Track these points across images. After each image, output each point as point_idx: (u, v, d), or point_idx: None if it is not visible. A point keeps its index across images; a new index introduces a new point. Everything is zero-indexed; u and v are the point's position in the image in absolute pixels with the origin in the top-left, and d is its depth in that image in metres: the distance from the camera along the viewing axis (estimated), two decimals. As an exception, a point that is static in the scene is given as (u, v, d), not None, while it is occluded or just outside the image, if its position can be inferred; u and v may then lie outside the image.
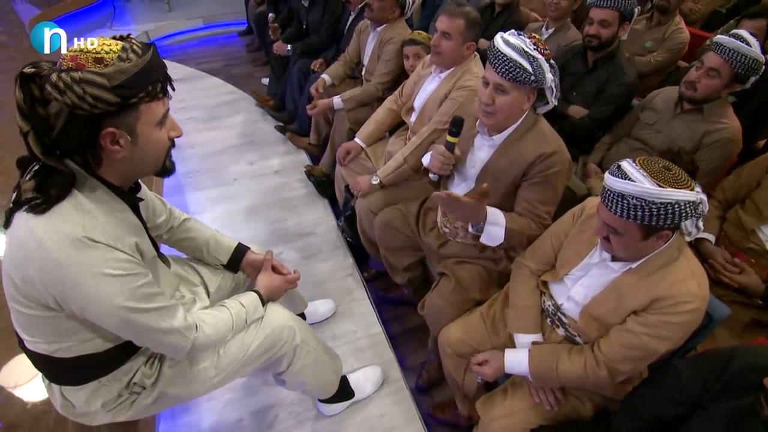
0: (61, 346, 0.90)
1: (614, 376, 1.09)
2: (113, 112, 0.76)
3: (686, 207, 0.93)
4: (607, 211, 0.99)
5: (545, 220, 1.38)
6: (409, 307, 2.07)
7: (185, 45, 5.20)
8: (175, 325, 0.94)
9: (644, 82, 2.45)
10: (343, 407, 1.59)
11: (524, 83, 1.22)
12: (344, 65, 2.74)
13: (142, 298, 0.86)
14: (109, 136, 0.78)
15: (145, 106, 0.80)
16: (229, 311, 1.11)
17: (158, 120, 0.84)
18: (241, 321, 1.13)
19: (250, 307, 1.17)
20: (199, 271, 1.31)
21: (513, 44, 1.20)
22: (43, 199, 0.77)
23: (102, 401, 1.00)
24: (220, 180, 2.74)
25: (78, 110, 0.73)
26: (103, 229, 0.81)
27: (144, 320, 0.88)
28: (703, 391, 0.96)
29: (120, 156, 0.82)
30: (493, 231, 1.35)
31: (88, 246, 0.78)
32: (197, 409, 1.59)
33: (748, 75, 1.58)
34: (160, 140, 0.87)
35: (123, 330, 0.89)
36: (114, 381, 1.01)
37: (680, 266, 1.03)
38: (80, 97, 0.71)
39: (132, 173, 0.90)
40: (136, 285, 0.85)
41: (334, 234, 2.38)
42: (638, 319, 1.05)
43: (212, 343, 1.06)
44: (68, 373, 0.97)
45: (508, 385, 1.31)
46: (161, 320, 0.91)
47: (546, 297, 1.30)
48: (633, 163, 0.97)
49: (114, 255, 0.81)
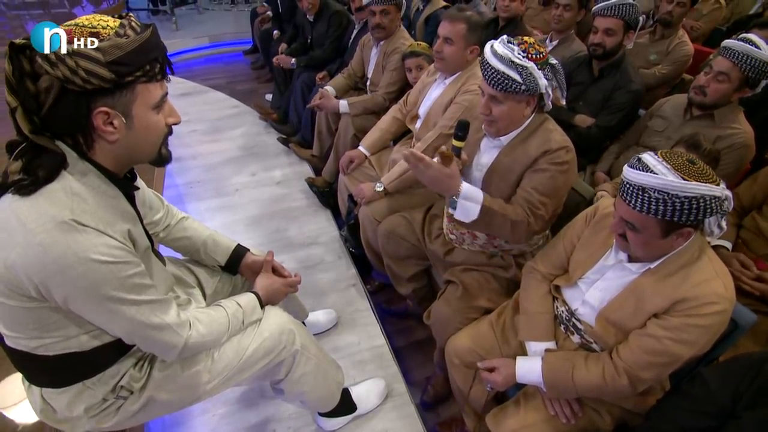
0: (43, 343, 0.84)
1: (635, 384, 1.02)
2: (107, 89, 0.72)
3: (711, 202, 0.88)
4: (625, 205, 0.94)
5: (538, 209, 1.29)
6: (413, 320, 2.01)
7: (191, 63, 5.28)
8: (167, 321, 0.88)
9: (650, 94, 2.44)
10: (345, 422, 1.50)
11: (516, 92, 1.20)
12: (348, 78, 2.75)
13: (132, 289, 0.81)
14: (102, 116, 0.74)
15: (142, 86, 0.77)
16: (225, 311, 1.06)
17: (155, 103, 0.80)
18: (238, 322, 1.07)
19: (248, 307, 1.11)
20: (196, 272, 1.26)
21: (501, 55, 1.18)
22: (30, 180, 0.72)
23: (85, 406, 0.93)
24: (221, 191, 2.72)
25: (70, 85, 0.69)
26: (93, 212, 0.76)
27: (133, 313, 0.82)
28: (735, 398, 0.89)
29: (113, 138, 0.78)
30: (467, 206, 1.26)
31: (76, 229, 0.73)
32: (190, 422, 1.51)
33: (759, 78, 1.56)
34: (156, 125, 0.83)
35: (110, 323, 0.84)
36: (99, 384, 0.94)
37: (703, 266, 0.98)
38: (72, 70, 0.68)
39: (126, 159, 0.85)
40: (127, 274, 0.79)
41: (337, 244, 2.33)
42: (660, 322, 0.99)
43: (206, 344, 1.00)
44: (50, 373, 0.90)
45: (520, 397, 1.23)
46: (152, 314, 0.85)
47: (559, 302, 1.24)
48: (655, 155, 0.93)
49: (103, 240, 0.76)
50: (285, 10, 3.83)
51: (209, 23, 6.17)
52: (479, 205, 1.26)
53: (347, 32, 3.08)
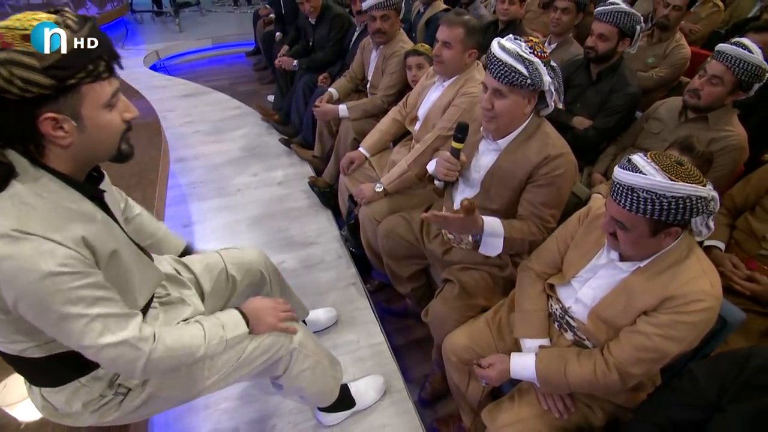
0: (29, 346, 0.83)
1: (626, 379, 1.05)
2: (49, 95, 0.68)
3: (697, 202, 0.91)
4: (615, 205, 0.97)
5: (549, 223, 1.37)
6: (412, 320, 2.04)
7: (194, 64, 5.34)
8: (124, 336, 0.82)
9: (648, 97, 2.46)
10: (344, 417, 1.53)
11: (521, 87, 1.23)
12: (350, 80, 2.79)
13: (80, 302, 0.75)
14: (49, 122, 0.70)
15: (88, 87, 0.72)
16: (201, 325, 1.00)
17: (105, 102, 0.76)
18: (216, 336, 1.00)
19: (229, 321, 1.05)
20: (193, 270, 1.26)
21: (508, 49, 1.21)
22: None
23: (83, 402, 0.95)
24: (223, 191, 2.75)
25: (8, 95, 0.65)
26: (40, 218, 0.72)
27: (81, 328, 0.76)
28: (720, 392, 0.91)
29: (66, 143, 0.74)
30: (492, 242, 1.36)
31: (20, 239, 0.69)
32: (193, 417, 1.54)
33: (752, 82, 1.58)
34: (111, 123, 0.78)
35: (64, 339, 0.79)
36: (94, 381, 0.95)
37: (691, 264, 1.00)
38: (7, 80, 0.64)
39: (85, 160, 0.81)
40: (74, 285, 0.73)
41: (337, 244, 2.36)
42: (649, 319, 1.02)
43: (177, 358, 0.92)
44: (45, 374, 0.91)
45: (515, 392, 1.26)
46: (105, 330, 0.79)
47: (553, 300, 1.27)
48: (644, 156, 0.96)
49: (50, 247, 0.71)
50: (287, 12, 3.87)
51: (212, 25, 6.23)
52: (501, 238, 1.34)
53: (348, 35, 3.12)
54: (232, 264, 1.35)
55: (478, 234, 1.34)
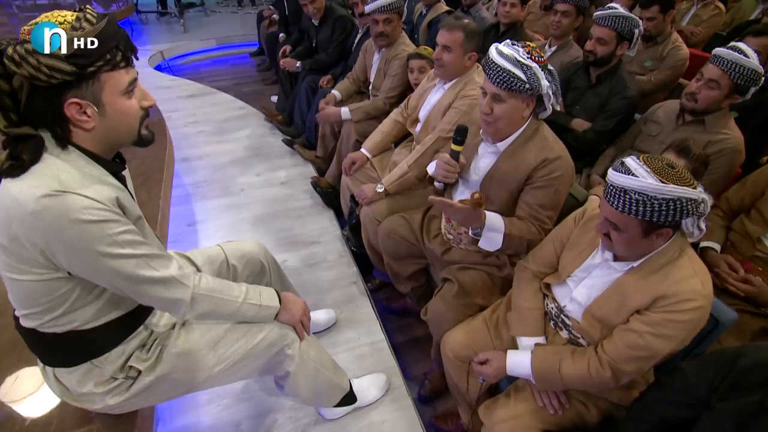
0: (53, 315, 0.89)
1: (618, 377, 1.07)
2: (72, 82, 0.76)
3: (688, 204, 0.94)
4: (608, 206, 0.99)
5: (546, 224, 1.39)
6: (412, 318, 2.06)
7: (199, 64, 5.38)
8: (170, 273, 0.91)
9: (647, 100, 2.48)
10: (345, 412, 1.56)
11: (520, 91, 1.25)
12: (353, 82, 2.82)
13: (126, 244, 0.84)
14: (74, 107, 0.79)
15: (107, 74, 0.80)
16: (241, 285, 1.10)
17: (124, 89, 0.84)
18: (254, 297, 1.11)
19: (266, 292, 1.15)
20: (195, 262, 1.30)
21: (506, 54, 1.24)
22: (17, 164, 0.78)
23: (94, 382, 0.99)
24: (227, 190, 2.79)
25: (37, 81, 0.74)
26: (77, 182, 0.80)
27: (132, 267, 0.85)
28: (710, 391, 0.94)
29: (89, 126, 0.82)
30: (492, 237, 1.37)
31: (63, 195, 0.77)
32: (196, 411, 1.57)
33: (748, 86, 1.60)
34: (130, 109, 0.86)
35: (114, 282, 0.87)
36: (106, 363, 1.00)
37: (683, 265, 1.03)
38: (35, 67, 0.73)
39: (108, 143, 0.89)
40: (117, 230, 0.83)
41: (339, 243, 2.39)
42: (641, 318, 1.04)
43: (216, 302, 1.02)
44: (60, 351, 0.96)
45: (511, 389, 1.29)
46: (151, 268, 0.88)
47: (549, 299, 1.29)
48: (637, 159, 0.98)
49: (91, 203, 0.79)
50: (291, 13, 3.90)
51: (216, 25, 6.27)
52: (502, 234, 1.35)
53: (351, 36, 3.15)
54: (233, 255, 1.39)
55: (479, 228, 1.36)
